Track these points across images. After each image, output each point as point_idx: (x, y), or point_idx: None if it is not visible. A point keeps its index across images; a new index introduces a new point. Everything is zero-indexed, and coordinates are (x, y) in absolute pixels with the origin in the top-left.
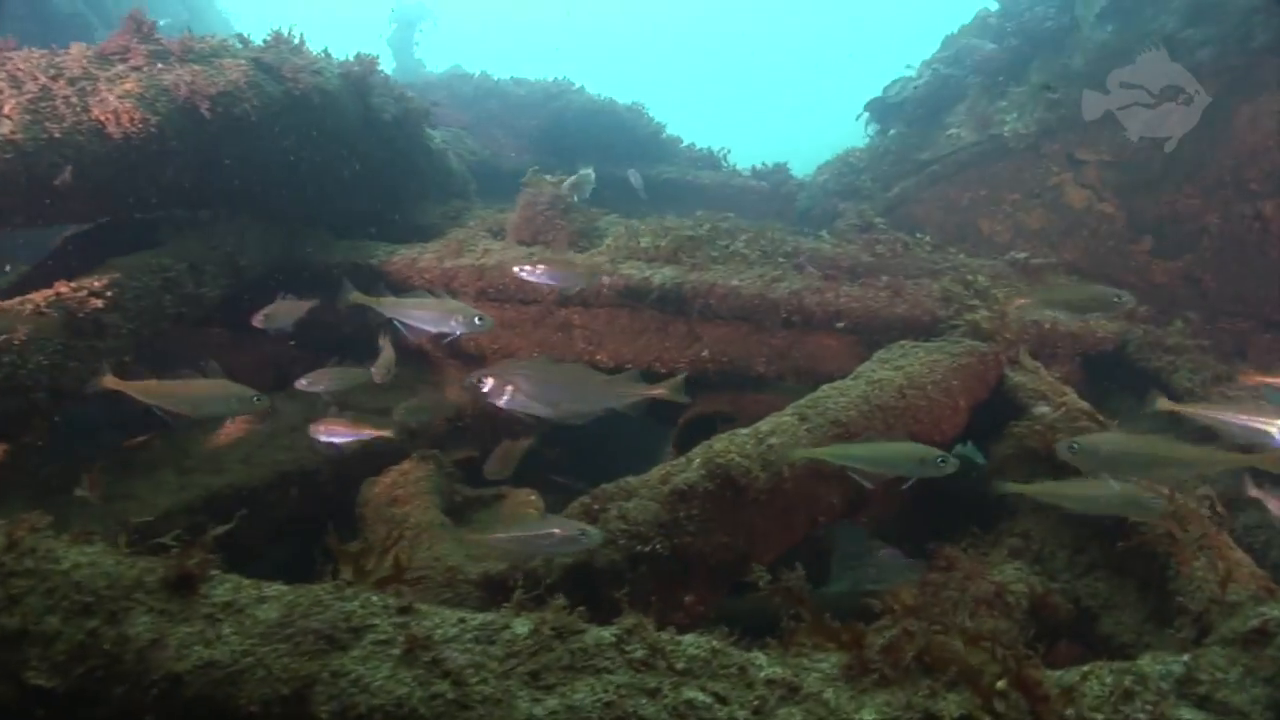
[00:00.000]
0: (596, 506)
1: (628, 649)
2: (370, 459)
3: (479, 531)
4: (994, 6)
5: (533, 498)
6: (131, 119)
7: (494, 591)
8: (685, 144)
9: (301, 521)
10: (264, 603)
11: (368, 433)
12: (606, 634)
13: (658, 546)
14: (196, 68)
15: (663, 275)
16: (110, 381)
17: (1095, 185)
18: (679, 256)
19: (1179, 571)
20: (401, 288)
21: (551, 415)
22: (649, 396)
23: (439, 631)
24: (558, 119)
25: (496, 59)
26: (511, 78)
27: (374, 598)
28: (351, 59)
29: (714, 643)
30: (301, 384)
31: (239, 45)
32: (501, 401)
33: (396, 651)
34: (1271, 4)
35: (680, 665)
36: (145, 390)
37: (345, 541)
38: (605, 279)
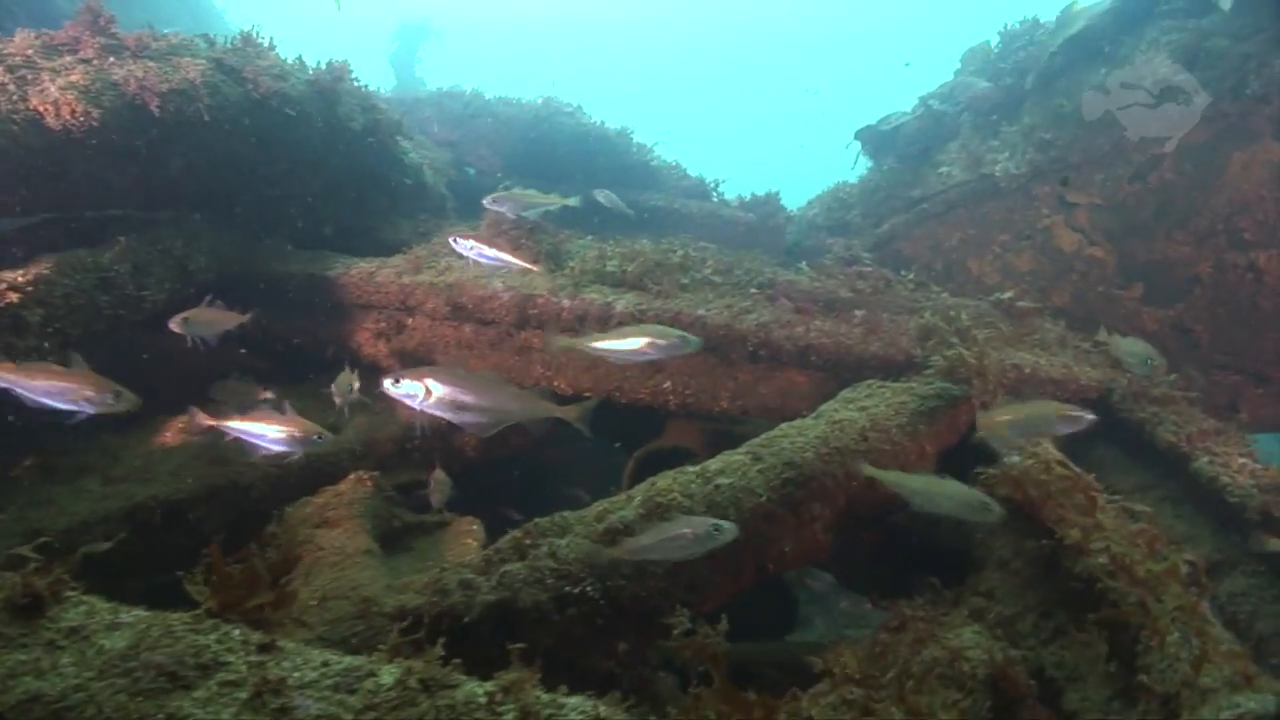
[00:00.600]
0: (528, 542)
1: (500, 709)
2: (309, 477)
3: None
4: (994, 42)
5: (474, 527)
6: (73, 111)
7: (409, 626)
8: (675, 171)
9: (236, 539)
10: (114, 630)
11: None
12: (480, 691)
13: (588, 588)
14: (151, 64)
15: (625, 301)
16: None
17: (1086, 229)
18: (644, 282)
19: (1150, 647)
20: (355, 302)
21: (460, 422)
22: (553, 416)
23: (296, 675)
24: (546, 141)
25: (504, 81)
26: (501, 97)
27: (235, 631)
28: (324, 66)
29: (601, 708)
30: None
31: (203, 45)
32: (415, 404)
33: (244, 695)
34: (1264, 52)
35: None
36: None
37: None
38: (565, 302)
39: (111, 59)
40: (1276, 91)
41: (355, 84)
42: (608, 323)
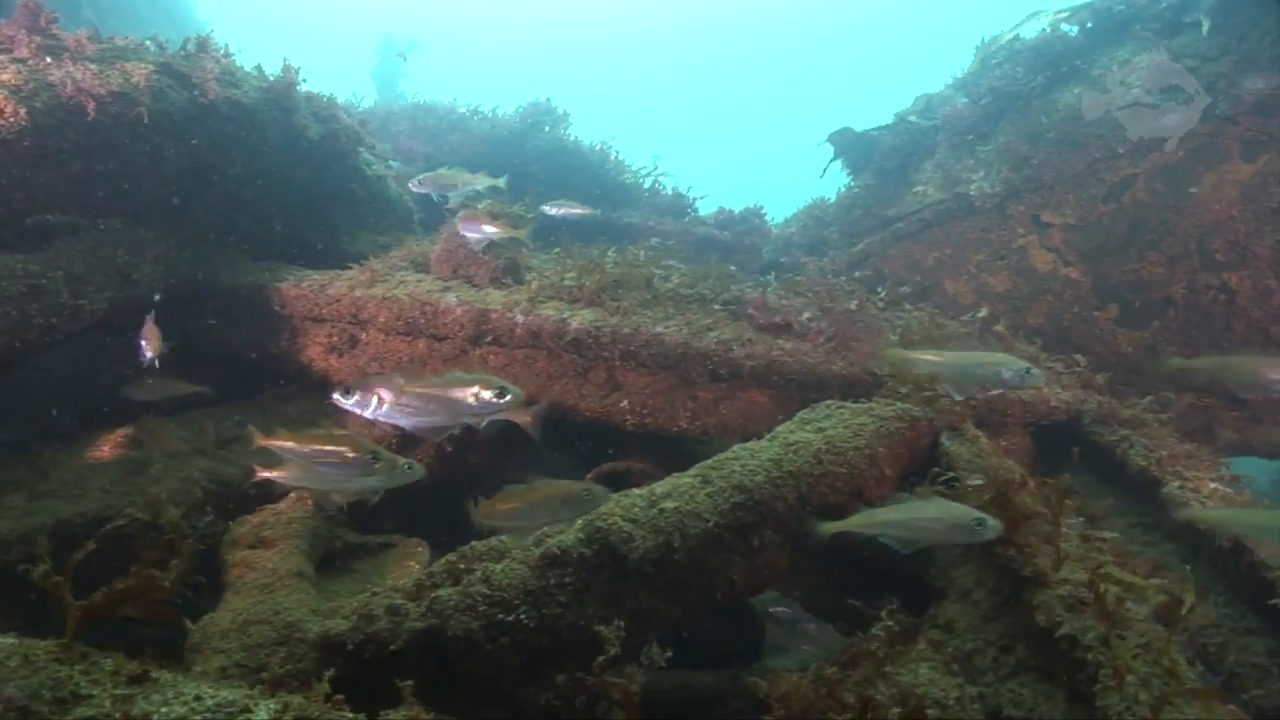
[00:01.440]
0: (462, 566)
1: None
2: (249, 495)
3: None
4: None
5: (419, 549)
6: (1, 111)
7: (332, 653)
8: (651, 189)
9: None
10: None
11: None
12: None
13: (522, 616)
14: (92, 66)
15: (581, 318)
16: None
17: (1060, 249)
18: (602, 298)
19: (1109, 686)
20: (307, 315)
21: (410, 426)
22: (502, 418)
23: (163, 710)
24: (519, 157)
25: (492, 93)
26: (476, 111)
27: (107, 661)
28: (276, 73)
29: None
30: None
31: (153, 49)
32: (367, 412)
33: None
34: (1233, 72)
35: None
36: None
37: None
38: (520, 318)
39: (49, 59)
40: (1245, 112)
41: (309, 92)
42: (562, 339)
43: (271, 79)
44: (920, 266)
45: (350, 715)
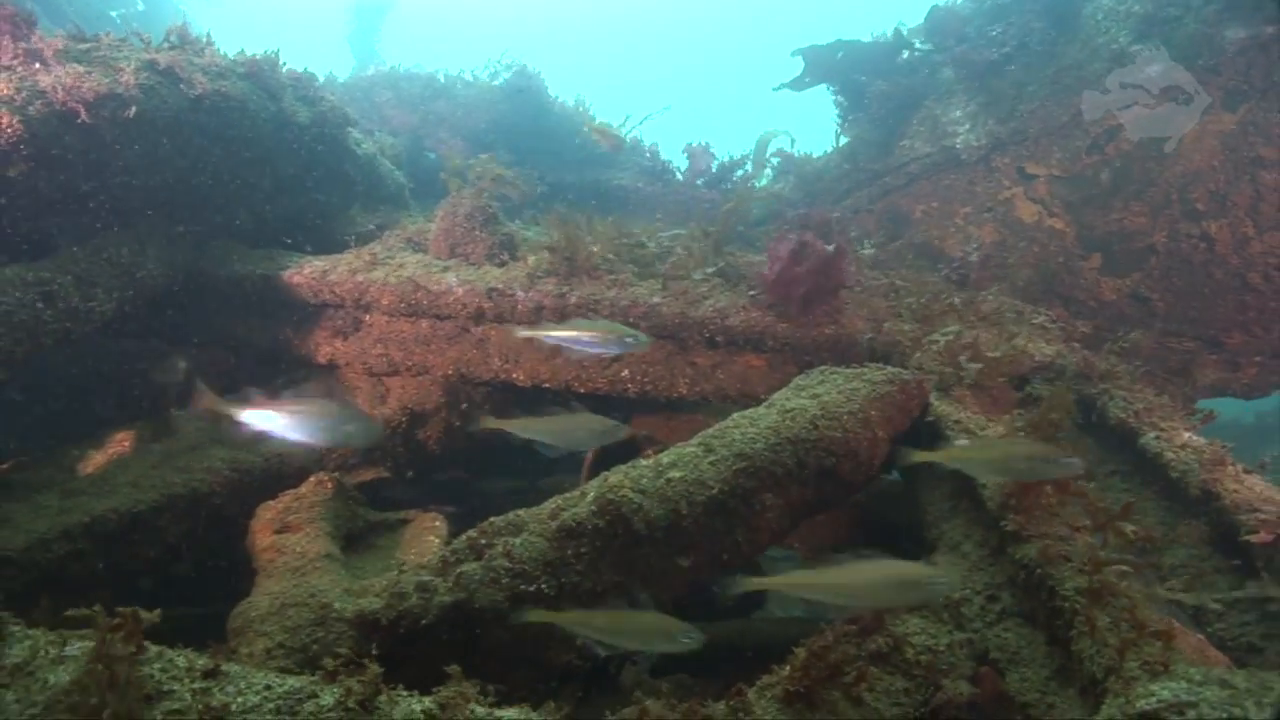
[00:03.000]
0: (483, 541)
1: None
2: (270, 482)
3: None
4: None
5: (437, 523)
6: None
7: (369, 630)
8: (638, 150)
9: (199, 546)
10: (60, 665)
11: None
12: (418, 708)
13: (543, 587)
14: (80, 69)
15: (580, 293)
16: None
17: (1045, 200)
18: (599, 271)
19: (1082, 632)
20: (314, 300)
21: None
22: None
23: (240, 700)
24: (506, 122)
25: (472, 55)
26: (460, 77)
27: (180, 659)
28: (252, 57)
29: (534, 717)
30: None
31: (138, 44)
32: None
33: None
34: (1215, 23)
35: None
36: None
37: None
38: (520, 295)
39: (36, 65)
40: (1227, 62)
41: (294, 72)
42: (563, 313)
43: (253, 57)
44: (909, 219)
45: (406, 693)
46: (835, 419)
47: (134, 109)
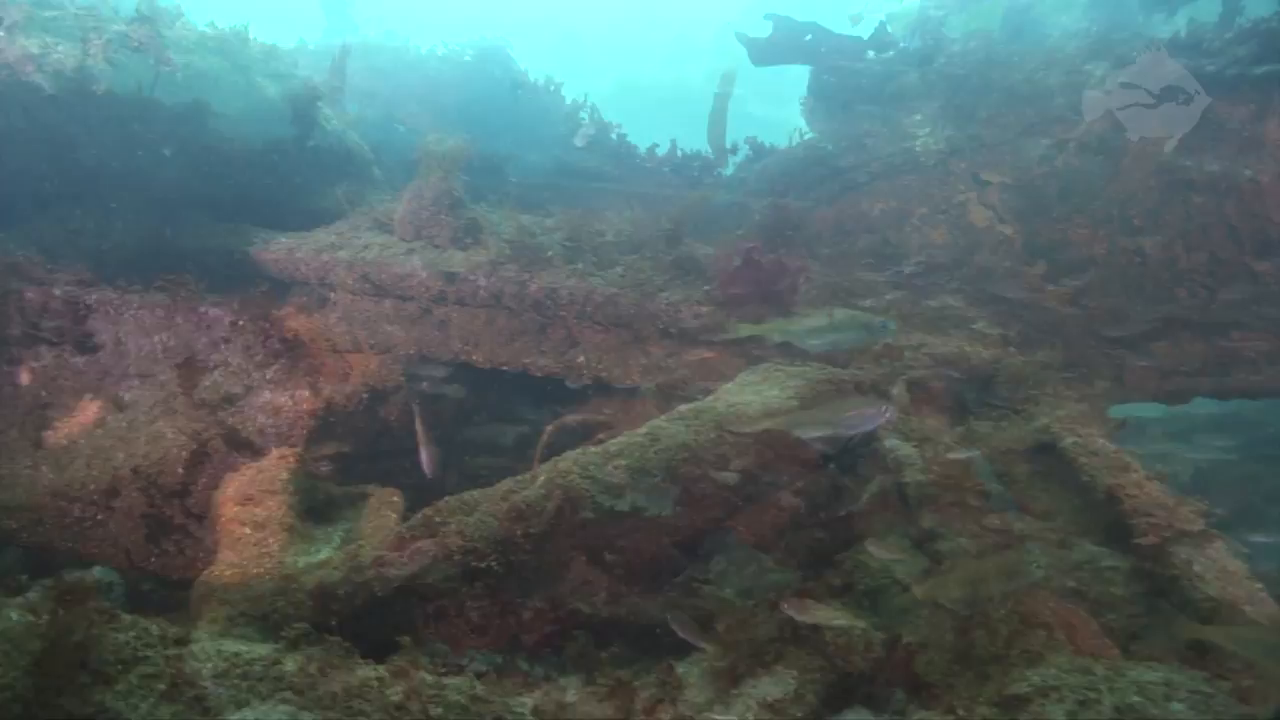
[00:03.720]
0: (438, 520)
1: (389, 690)
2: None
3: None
4: None
5: (395, 498)
6: None
7: (328, 601)
8: (605, 130)
9: (159, 521)
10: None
11: None
12: (373, 674)
13: (493, 563)
14: (49, 40)
15: (540, 280)
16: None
17: (996, 206)
18: (560, 259)
19: (980, 622)
20: (279, 278)
21: None
22: None
23: (208, 665)
24: (477, 98)
25: (446, 20)
26: (432, 51)
27: (151, 627)
28: (222, 31)
29: (479, 688)
30: None
31: (106, 14)
32: None
33: (162, 686)
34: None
35: (435, 711)
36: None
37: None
38: (482, 280)
39: (1, 34)
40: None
41: (265, 45)
42: (524, 300)
43: (225, 31)
44: (867, 217)
45: (364, 662)
46: (774, 415)
47: (102, 84)
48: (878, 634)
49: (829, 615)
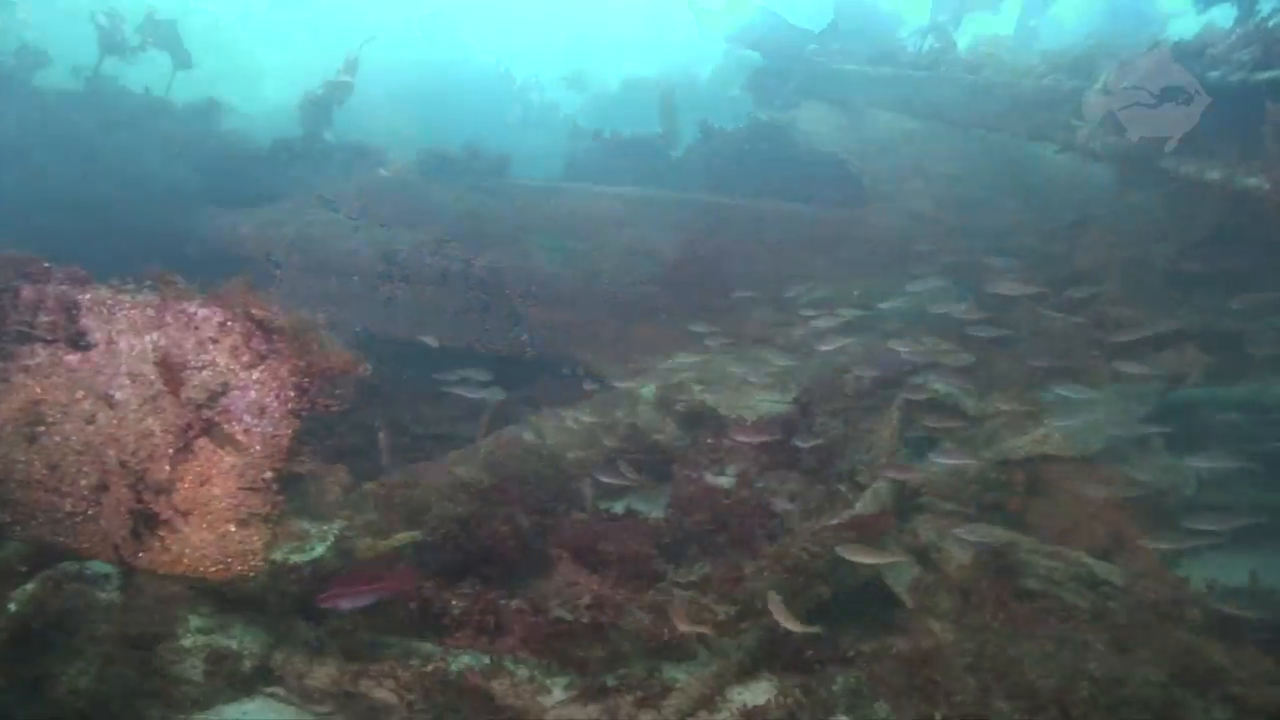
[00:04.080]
0: (383, 493)
1: None
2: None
3: None
4: None
5: (340, 473)
6: None
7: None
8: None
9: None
10: None
11: None
12: (311, 636)
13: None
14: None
15: (486, 259)
16: None
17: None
18: (506, 240)
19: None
20: (223, 255)
21: None
22: None
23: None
24: (430, 78)
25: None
26: (383, 29)
27: None
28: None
29: None
30: None
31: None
32: None
33: None
34: None
35: None
36: None
37: None
38: (429, 259)
39: None
40: None
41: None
42: (469, 279)
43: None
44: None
45: (303, 622)
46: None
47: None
48: None
49: None
